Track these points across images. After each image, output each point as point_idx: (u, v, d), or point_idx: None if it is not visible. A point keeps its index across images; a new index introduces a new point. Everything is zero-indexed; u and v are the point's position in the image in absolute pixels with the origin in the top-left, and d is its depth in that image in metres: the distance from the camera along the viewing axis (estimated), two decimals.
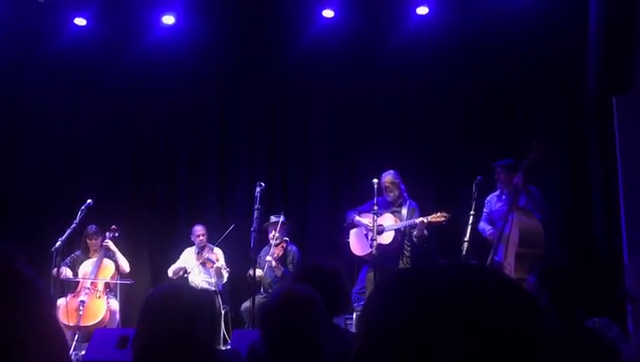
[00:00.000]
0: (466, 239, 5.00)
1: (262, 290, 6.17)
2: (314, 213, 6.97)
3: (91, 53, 7.13)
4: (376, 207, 5.42)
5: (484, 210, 5.49)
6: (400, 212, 5.78)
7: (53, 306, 1.01)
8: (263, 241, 6.12)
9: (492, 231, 5.29)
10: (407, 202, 5.81)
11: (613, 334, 5.00)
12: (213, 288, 6.26)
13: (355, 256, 5.89)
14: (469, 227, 5.02)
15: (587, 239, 6.11)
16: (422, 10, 6.67)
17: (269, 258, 6.00)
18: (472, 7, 6.57)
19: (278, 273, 6.05)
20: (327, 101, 7.14)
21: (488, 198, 5.49)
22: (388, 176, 5.76)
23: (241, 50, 7.18)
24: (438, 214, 5.47)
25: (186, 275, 6.35)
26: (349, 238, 5.94)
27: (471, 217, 5.06)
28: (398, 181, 5.78)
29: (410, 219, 5.69)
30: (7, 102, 7.15)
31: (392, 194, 5.77)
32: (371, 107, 7.04)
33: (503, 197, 5.29)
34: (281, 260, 6.12)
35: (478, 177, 5.22)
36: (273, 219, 6.21)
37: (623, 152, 5.28)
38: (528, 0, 6.32)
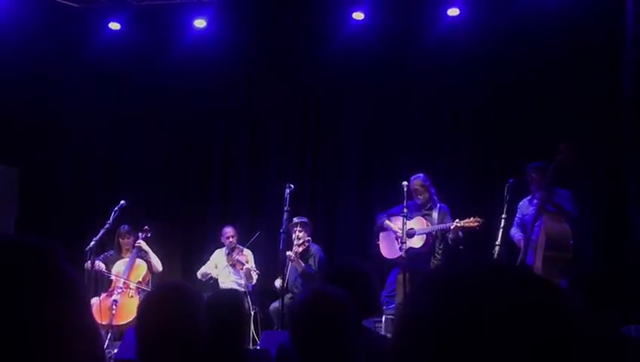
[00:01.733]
0: (497, 243, 4.94)
1: (287, 291, 6.18)
2: (344, 214, 6.96)
3: (126, 56, 7.26)
4: (406, 210, 5.37)
5: (517, 215, 5.41)
6: (430, 215, 5.72)
7: (90, 308, 1.04)
8: (292, 243, 6.14)
9: (521, 236, 5.22)
10: (438, 205, 5.74)
11: None
12: (243, 289, 6.30)
13: (385, 258, 5.85)
14: (501, 230, 4.97)
15: (623, 244, 5.97)
16: (453, 12, 6.63)
17: (289, 252, 6.00)
18: (503, 8, 6.49)
19: (299, 268, 6.07)
20: (358, 103, 7.13)
21: (520, 203, 5.42)
22: (417, 180, 5.70)
23: (273, 53, 7.23)
24: (472, 219, 5.36)
25: (212, 281, 6.40)
26: (379, 241, 5.90)
27: (503, 220, 5.00)
28: (427, 184, 5.72)
29: (442, 222, 5.62)
30: (45, 106, 7.32)
31: (421, 198, 5.71)
32: (402, 109, 7.00)
33: (535, 201, 5.21)
34: (302, 257, 6.12)
35: (510, 180, 5.15)
36: (296, 220, 6.21)
37: None
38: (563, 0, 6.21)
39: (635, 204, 5.87)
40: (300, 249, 6.10)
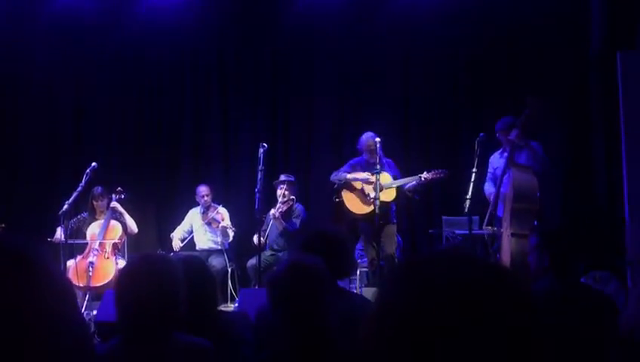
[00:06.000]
0: (468, 196, 5.04)
1: (267, 247, 6.25)
2: (317, 173, 6.99)
3: (92, 14, 7.04)
4: (379, 167, 5.42)
5: (489, 169, 5.51)
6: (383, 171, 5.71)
7: (78, 306, 1.07)
8: (268, 202, 6.16)
9: (492, 190, 5.34)
10: (384, 161, 5.65)
11: (612, 287, 5.11)
12: (220, 247, 6.36)
13: (353, 213, 5.83)
14: (471, 184, 5.06)
15: (589, 195, 6.16)
16: None
17: (272, 211, 6.05)
18: None
19: (280, 227, 6.13)
20: (329, 61, 7.09)
21: (491, 158, 5.51)
22: (370, 140, 5.63)
23: (242, 11, 7.09)
24: (437, 171, 5.52)
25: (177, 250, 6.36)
26: (338, 198, 5.84)
27: (473, 174, 5.08)
28: (376, 142, 5.58)
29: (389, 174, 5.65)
30: (8, 66, 7.10)
31: (375, 156, 5.59)
32: (374, 66, 6.98)
33: (505, 154, 5.31)
34: (285, 215, 6.18)
35: (481, 134, 5.21)
36: (283, 177, 6.26)
37: (626, 108, 5.27)
38: None
39: (601, 155, 6.04)
40: (285, 207, 6.14)
